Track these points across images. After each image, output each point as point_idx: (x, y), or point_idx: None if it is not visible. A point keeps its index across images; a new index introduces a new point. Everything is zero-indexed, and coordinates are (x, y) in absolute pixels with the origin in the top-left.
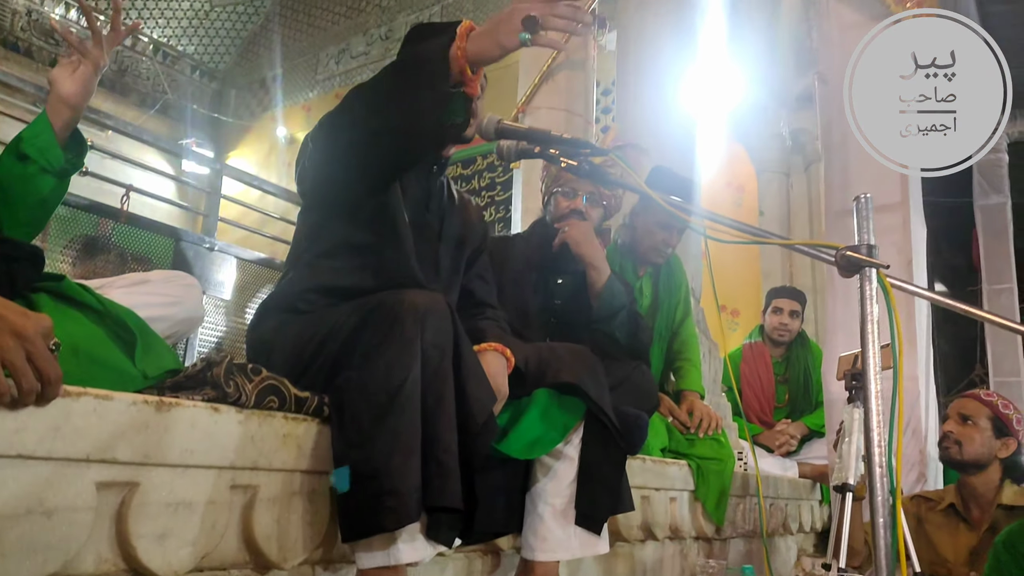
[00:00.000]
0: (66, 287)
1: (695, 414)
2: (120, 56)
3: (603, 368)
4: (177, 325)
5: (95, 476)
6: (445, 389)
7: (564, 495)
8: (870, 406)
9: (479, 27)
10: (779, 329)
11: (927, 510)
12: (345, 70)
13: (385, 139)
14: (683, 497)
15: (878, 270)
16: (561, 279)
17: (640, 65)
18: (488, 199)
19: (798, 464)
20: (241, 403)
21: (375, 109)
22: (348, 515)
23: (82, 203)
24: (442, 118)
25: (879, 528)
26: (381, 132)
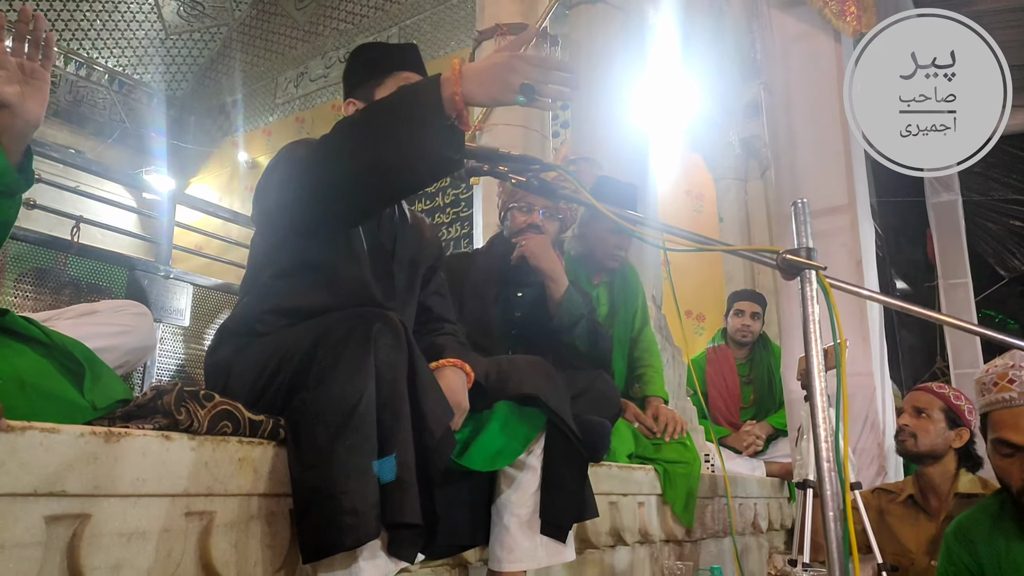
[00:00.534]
0: (10, 321)
1: (660, 419)
2: (75, 86)
3: (563, 378)
4: (128, 355)
5: (43, 510)
6: (401, 406)
7: (528, 505)
8: (815, 403)
9: (472, 68)
10: (741, 331)
11: (888, 502)
12: (304, 93)
13: (380, 173)
14: (651, 501)
15: (817, 272)
16: (521, 292)
17: (592, 80)
18: (453, 215)
19: (765, 463)
20: (194, 429)
21: (368, 144)
22: (307, 535)
23: (31, 237)
24: (443, 152)
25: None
26: (376, 167)
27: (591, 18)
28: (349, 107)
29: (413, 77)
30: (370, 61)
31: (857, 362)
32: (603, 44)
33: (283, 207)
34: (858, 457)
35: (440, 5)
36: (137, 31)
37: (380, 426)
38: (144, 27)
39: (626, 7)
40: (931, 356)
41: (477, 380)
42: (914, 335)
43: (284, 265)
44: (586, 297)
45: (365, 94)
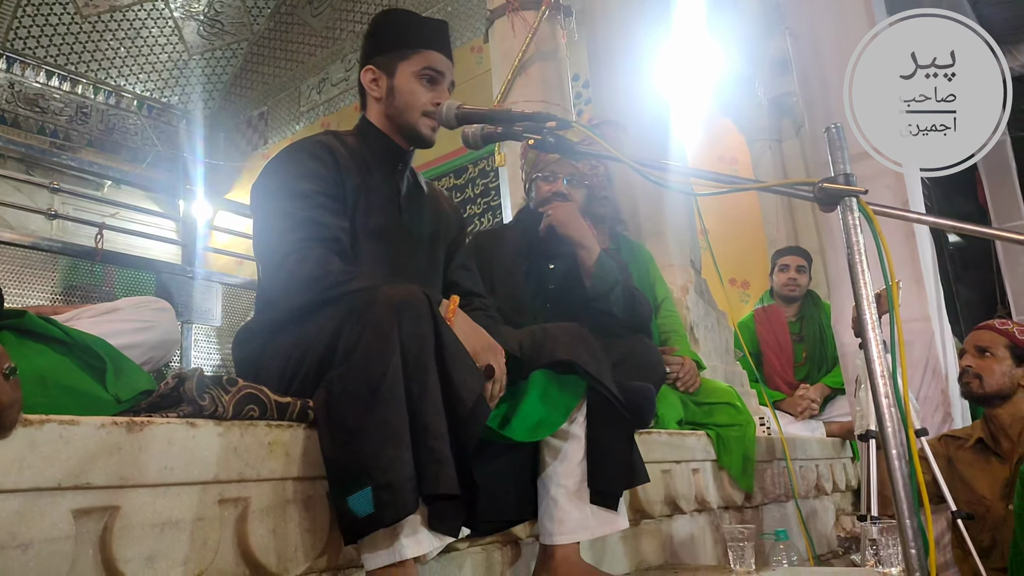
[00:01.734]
0: (28, 322)
1: (686, 365)
2: (106, 115)
3: (601, 343)
4: (152, 350)
5: (70, 504)
6: (428, 377)
7: (575, 475)
8: (868, 342)
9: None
10: (788, 285)
11: (956, 448)
12: (327, 98)
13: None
14: (706, 467)
15: (858, 198)
16: (552, 264)
17: (610, 47)
18: (484, 205)
19: (824, 424)
20: (219, 415)
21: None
22: (345, 516)
23: (55, 247)
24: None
25: (895, 469)
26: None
27: None
28: (367, 74)
29: (440, 59)
30: (398, 30)
31: (912, 307)
32: (618, 7)
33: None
34: (922, 405)
35: None
36: (160, 54)
37: (409, 398)
38: (167, 50)
39: None
40: (991, 310)
41: (511, 351)
42: (972, 289)
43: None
44: (622, 263)
45: (388, 65)
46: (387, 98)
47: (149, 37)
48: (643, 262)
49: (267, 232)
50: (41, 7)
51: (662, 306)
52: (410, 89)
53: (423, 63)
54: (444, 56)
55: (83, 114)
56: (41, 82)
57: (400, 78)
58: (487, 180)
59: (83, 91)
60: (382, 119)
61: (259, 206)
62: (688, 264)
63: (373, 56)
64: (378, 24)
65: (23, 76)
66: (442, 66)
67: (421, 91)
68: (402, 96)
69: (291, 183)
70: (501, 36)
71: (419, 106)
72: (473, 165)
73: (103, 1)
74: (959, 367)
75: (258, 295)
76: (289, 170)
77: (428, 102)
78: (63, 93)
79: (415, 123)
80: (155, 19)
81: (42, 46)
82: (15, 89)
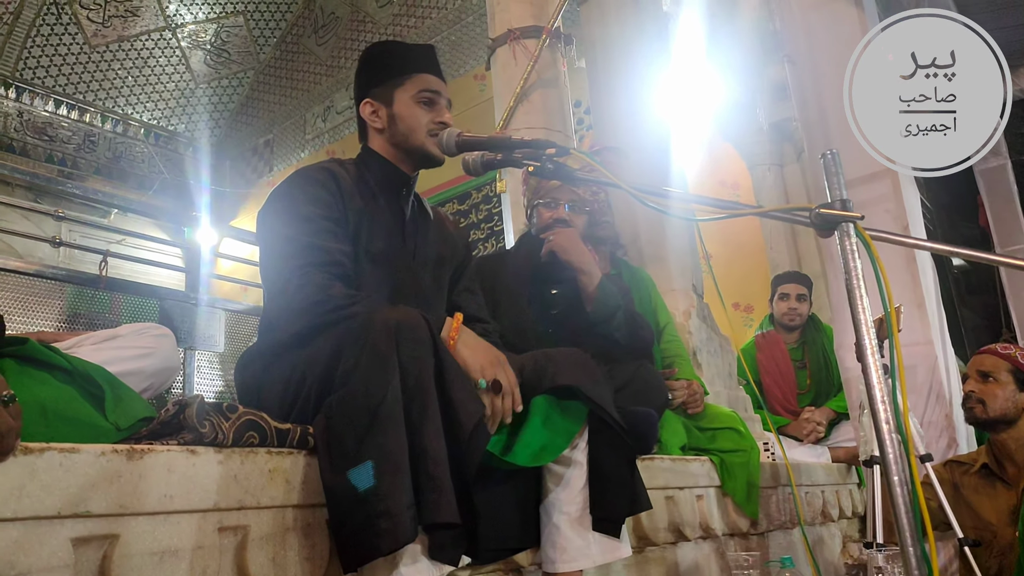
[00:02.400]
0: (30, 349)
1: (692, 387)
2: (113, 143)
3: (605, 371)
4: (152, 377)
5: (69, 532)
6: (428, 401)
7: (578, 502)
8: (868, 366)
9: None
10: (788, 314)
11: (961, 474)
12: (332, 126)
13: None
14: (710, 494)
15: (855, 223)
16: (555, 289)
17: (610, 74)
18: (487, 231)
19: (829, 449)
20: (219, 442)
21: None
22: (344, 544)
23: (60, 275)
24: None
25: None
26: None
27: (603, 11)
28: (366, 108)
29: (434, 80)
30: (389, 60)
31: (915, 331)
32: (618, 34)
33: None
34: (926, 430)
35: (456, 25)
36: (168, 83)
37: (408, 422)
38: (174, 79)
39: None
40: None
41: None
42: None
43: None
44: (624, 288)
45: (384, 95)
46: (390, 127)
47: (156, 66)
48: (644, 287)
49: (271, 258)
50: (51, 37)
51: (665, 331)
52: (411, 113)
53: (418, 86)
54: (436, 77)
55: (91, 142)
56: (49, 111)
57: (399, 105)
58: (490, 206)
59: (91, 119)
60: (386, 147)
61: (264, 232)
62: (690, 288)
63: (369, 89)
64: (368, 59)
65: (32, 105)
66: (436, 86)
67: (421, 113)
68: (404, 121)
69: (294, 208)
70: (503, 64)
71: (422, 127)
72: (476, 191)
73: (112, 31)
74: (963, 392)
75: (261, 320)
76: (292, 195)
77: (430, 122)
78: (71, 121)
79: (422, 144)
80: (162, 48)
81: (51, 75)
82: (24, 118)
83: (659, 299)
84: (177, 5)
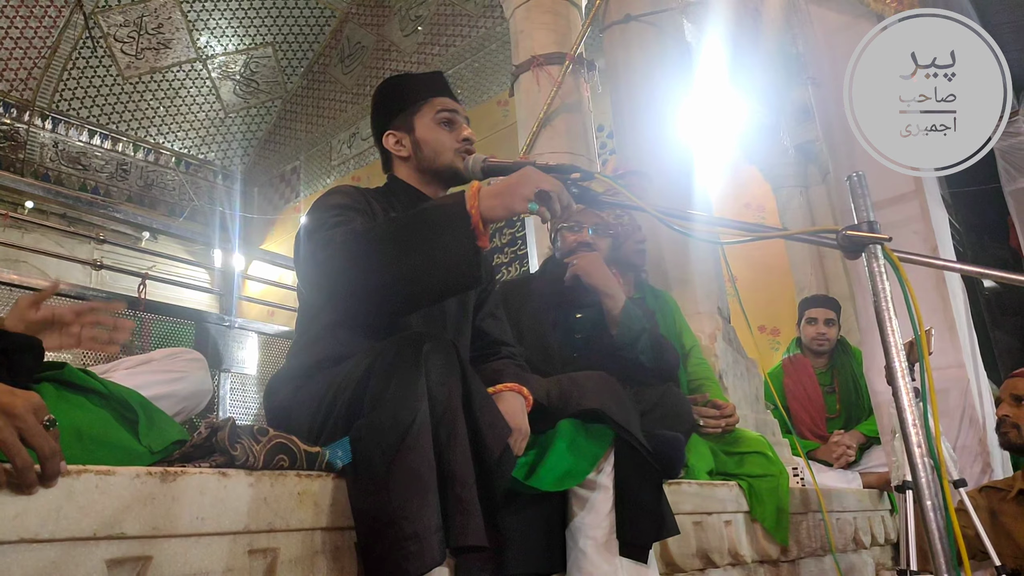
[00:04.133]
0: (67, 374)
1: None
2: (145, 171)
3: (628, 392)
4: (184, 400)
5: (104, 554)
6: (456, 424)
7: (604, 526)
8: (899, 389)
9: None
10: (817, 339)
11: (999, 501)
12: (357, 152)
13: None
14: (738, 520)
15: (883, 245)
16: (580, 313)
17: (633, 99)
18: (511, 255)
19: (861, 475)
20: (250, 465)
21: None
22: (372, 567)
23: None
24: (468, 271)
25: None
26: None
27: (625, 37)
28: (389, 139)
29: (448, 101)
30: (402, 91)
31: (946, 354)
32: (641, 60)
33: (317, 293)
34: (960, 455)
35: (479, 52)
36: (199, 113)
37: (436, 446)
38: (204, 109)
39: (659, 22)
40: None
41: (538, 400)
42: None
43: (327, 321)
44: (648, 312)
45: (405, 124)
46: (415, 153)
47: (188, 97)
48: (669, 311)
49: (305, 265)
50: (86, 70)
51: (691, 354)
52: (434, 136)
53: (435, 108)
54: (449, 97)
55: (123, 171)
56: (84, 141)
57: (420, 130)
58: (513, 230)
59: (123, 149)
60: (412, 174)
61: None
62: (715, 311)
63: (389, 122)
64: (381, 94)
65: (67, 135)
66: (451, 105)
67: (444, 134)
68: (429, 145)
69: (327, 218)
70: (526, 90)
71: (448, 146)
72: None
73: (144, 63)
74: (996, 416)
75: (292, 344)
76: (326, 206)
77: (455, 140)
78: (104, 151)
79: (451, 163)
80: (193, 79)
81: (85, 107)
82: (59, 148)
83: (684, 322)
84: (208, 37)
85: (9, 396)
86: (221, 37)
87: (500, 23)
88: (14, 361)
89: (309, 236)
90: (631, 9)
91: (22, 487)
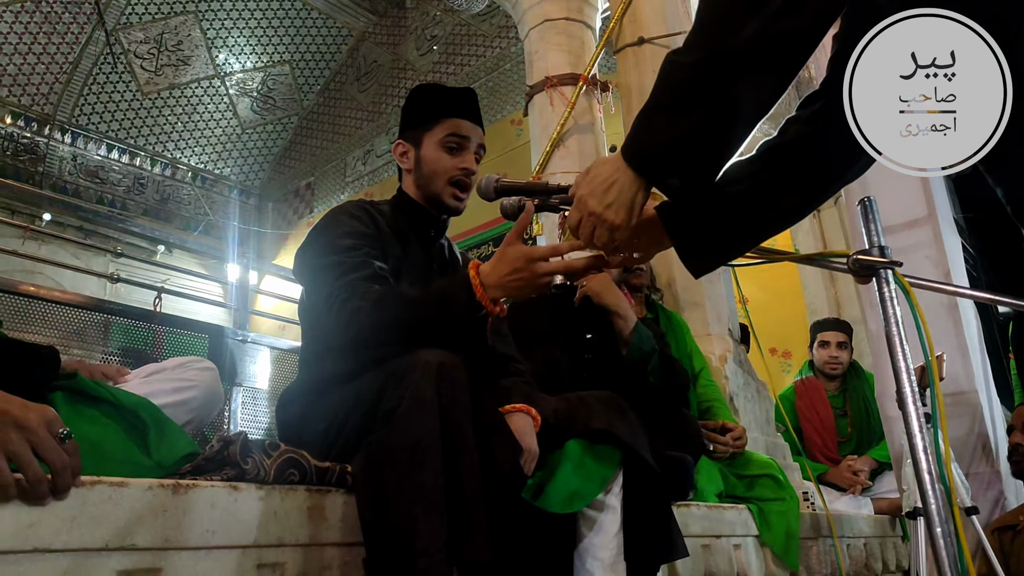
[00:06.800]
0: (79, 383)
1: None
2: (161, 186)
3: (637, 412)
4: (195, 410)
5: (115, 565)
6: (466, 442)
7: (612, 548)
8: (909, 411)
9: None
10: (830, 363)
11: (1010, 541)
12: (372, 169)
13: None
14: (747, 543)
15: (894, 270)
16: (590, 334)
17: None
18: None
19: (872, 501)
20: (261, 479)
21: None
22: None
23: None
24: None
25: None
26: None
27: (638, 59)
28: (397, 148)
29: (466, 125)
30: (424, 103)
31: (959, 379)
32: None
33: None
34: (973, 483)
35: (494, 72)
36: (215, 129)
37: (446, 463)
38: (221, 125)
39: (672, 45)
40: None
41: (545, 419)
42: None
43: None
44: (659, 333)
45: (414, 138)
46: (416, 169)
47: (205, 112)
48: (679, 332)
49: (312, 290)
50: (106, 85)
51: (700, 376)
52: (435, 158)
53: (446, 131)
54: (469, 122)
55: (140, 185)
56: (102, 155)
57: (426, 148)
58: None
59: (141, 163)
60: (414, 189)
61: (303, 267)
62: (726, 333)
63: (404, 131)
64: (409, 100)
65: (85, 149)
66: (466, 130)
67: (445, 159)
68: (428, 165)
69: (334, 241)
70: (540, 110)
71: (443, 173)
72: None
73: (163, 79)
74: (1009, 444)
75: (301, 358)
76: (332, 229)
77: (452, 168)
78: (122, 165)
79: (439, 192)
80: (211, 96)
81: (104, 121)
82: (77, 161)
83: (694, 344)
84: (226, 54)
85: (23, 410)
86: (239, 55)
87: (515, 43)
88: (30, 372)
89: (319, 255)
90: (644, 32)
91: (34, 499)
